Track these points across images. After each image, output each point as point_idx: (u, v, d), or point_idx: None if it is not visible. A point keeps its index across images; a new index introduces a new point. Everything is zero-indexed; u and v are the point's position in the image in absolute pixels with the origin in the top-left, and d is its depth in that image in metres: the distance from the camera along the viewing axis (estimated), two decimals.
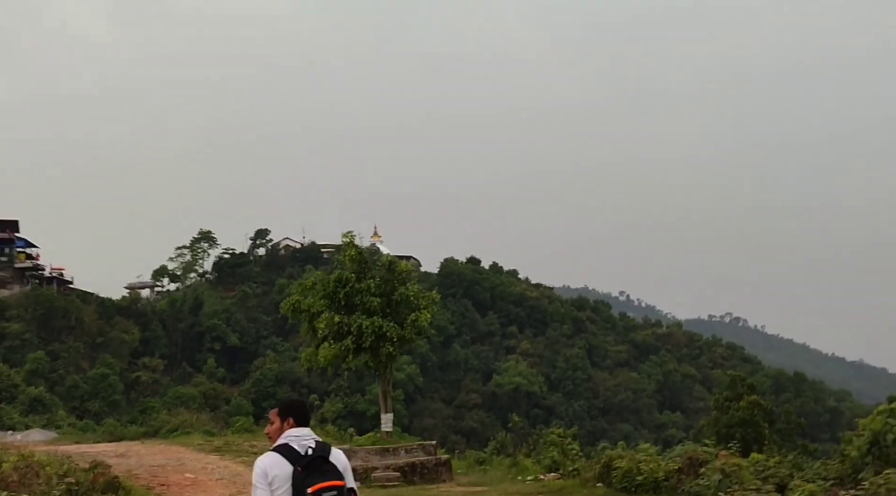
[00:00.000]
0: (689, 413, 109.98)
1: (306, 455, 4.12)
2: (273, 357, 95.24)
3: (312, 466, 4.06)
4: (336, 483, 4.02)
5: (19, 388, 69.19)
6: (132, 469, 20.32)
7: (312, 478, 3.99)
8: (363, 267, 20.81)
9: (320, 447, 4.22)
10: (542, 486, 15.77)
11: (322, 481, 3.98)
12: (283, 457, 4.12)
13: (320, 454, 4.14)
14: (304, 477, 4.00)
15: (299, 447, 4.18)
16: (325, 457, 4.14)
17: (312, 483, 3.96)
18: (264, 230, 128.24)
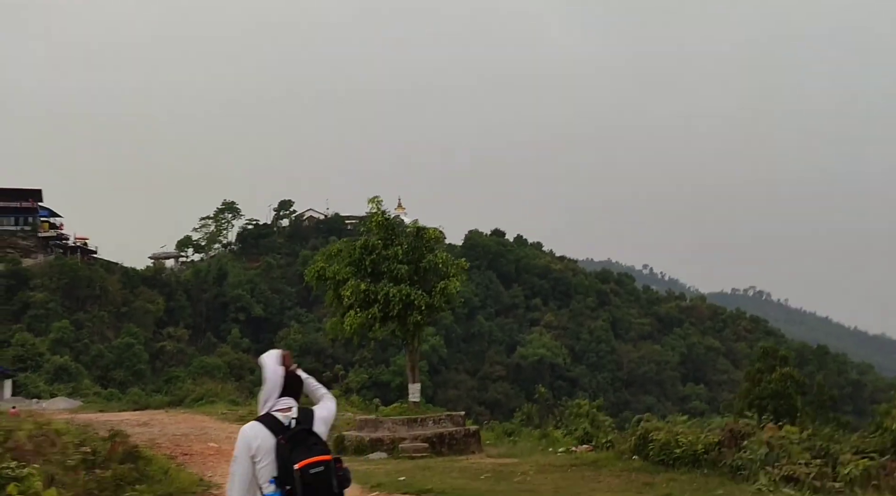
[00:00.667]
0: (713, 385, 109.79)
1: (289, 426, 3.92)
2: (297, 328, 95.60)
3: (297, 439, 3.86)
4: (321, 458, 3.78)
5: (44, 357, 69.72)
6: (155, 438, 20.08)
7: (298, 452, 3.79)
8: (390, 233, 20.19)
9: (304, 416, 4.02)
10: (574, 458, 15.23)
11: (308, 456, 3.76)
12: (266, 428, 3.92)
13: (304, 426, 3.94)
14: (289, 450, 3.80)
15: (283, 418, 3.98)
16: (310, 429, 3.94)
17: (299, 458, 3.75)
18: (288, 201, 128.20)
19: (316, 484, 3.73)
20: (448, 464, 15.33)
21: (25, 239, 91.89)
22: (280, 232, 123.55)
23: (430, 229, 20.80)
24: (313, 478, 3.73)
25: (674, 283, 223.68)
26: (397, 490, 11.61)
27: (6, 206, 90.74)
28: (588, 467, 13.68)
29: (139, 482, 10.35)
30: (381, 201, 20.79)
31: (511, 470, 13.96)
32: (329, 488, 3.77)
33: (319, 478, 3.74)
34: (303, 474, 3.72)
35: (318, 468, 3.75)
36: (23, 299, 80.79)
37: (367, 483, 12.48)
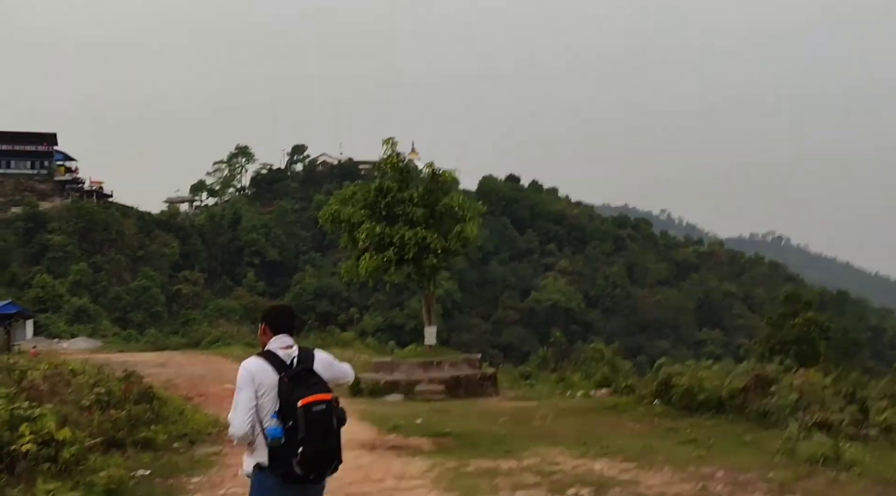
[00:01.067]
0: (729, 331, 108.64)
1: (291, 365, 3.99)
2: (312, 271, 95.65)
3: (299, 377, 3.93)
4: (325, 397, 3.88)
5: (64, 299, 70.43)
6: (171, 378, 20.12)
7: (299, 390, 3.86)
8: (405, 176, 19.71)
9: (303, 356, 4.07)
10: (593, 402, 15.05)
11: (310, 394, 3.84)
12: (268, 364, 3.98)
13: (305, 366, 4.00)
14: (291, 388, 3.87)
15: (284, 355, 4.04)
16: (310, 369, 4.00)
17: (301, 396, 3.82)
18: (301, 146, 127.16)
19: (317, 421, 3.81)
20: (465, 406, 15.20)
21: (42, 182, 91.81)
22: (294, 177, 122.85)
23: (445, 171, 20.28)
24: (316, 416, 3.81)
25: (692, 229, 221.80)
26: (414, 432, 11.46)
27: (22, 149, 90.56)
28: (608, 411, 13.49)
29: (154, 422, 10.24)
30: (397, 143, 20.26)
31: (530, 413, 13.79)
32: (329, 425, 3.85)
33: (321, 416, 3.83)
34: (306, 411, 3.79)
35: (320, 406, 3.82)
36: (41, 242, 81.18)
37: (383, 425, 12.34)
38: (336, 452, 3.94)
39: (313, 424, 3.79)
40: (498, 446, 9.98)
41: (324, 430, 3.83)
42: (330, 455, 3.90)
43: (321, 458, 3.86)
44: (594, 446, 9.66)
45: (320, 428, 3.81)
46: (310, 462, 3.81)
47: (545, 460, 8.79)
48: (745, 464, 7.61)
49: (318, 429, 3.81)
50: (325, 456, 3.87)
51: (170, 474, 8.50)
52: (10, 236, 79.61)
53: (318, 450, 3.82)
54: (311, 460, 3.82)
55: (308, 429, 3.77)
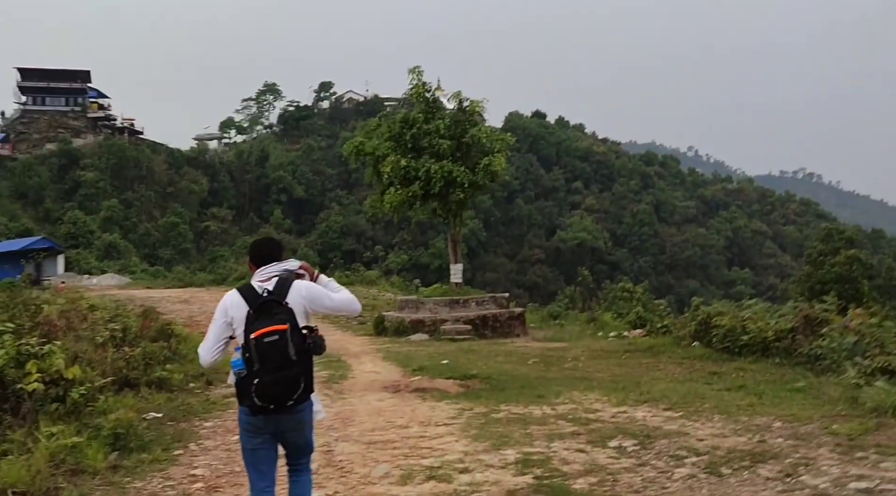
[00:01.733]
0: (759, 270, 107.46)
1: (261, 296, 3.95)
2: (338, 209, 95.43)
3: (263, 309, 3.88)
4: (277, 327, 3.80)
5: (95, 235, 70.94)
6: (194, 315, 19.91)
7: (258, 322, 3.83)
8: (431, 107, 18.78)
9: (279, 288, 4.00)
10: (628, 344, 14.43)
11: (266, 325, 3.80)
12: (242, 298, 3.97)
13: (275, 297, 3.94)
14: (252, 320, 3.86)
15: (259, 288, 4.01)
16: (279, 300, 3.94)
17: (256, 328, 3.81)
18: (328, 83, 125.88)
19: (269, 352, 3.76)
20: (492, 347, 14.68)
21: (76, 119, 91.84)
22: (320, 114, 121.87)
23: (473, 102, 19.26)
24: (266, 347, 3.76)
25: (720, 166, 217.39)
26: (440, 374, 10.95)
27: (56, 86, 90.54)
28: (644, 353, 12.87)
29: (170, 361, 9.84)
30: (423, 72, 19.19)
31: (560, 355, 13.24)
32: (284, 356, 3.78)
33: (273, 346, 3.76)
34: (257, 342, 3.76)
35: (272, 337, 3.77)
36: (74, 178, 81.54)
37: (408, 366, 11.88)
38: (293, 382, 3.84)
39: (265, 355, 3.76)
40: (529, 390, 9.42)
41: (279, 361, 3.77)
42: (287, 385, 3.83)
43: (276, 389, 3.80)
44: (633, 391, 9.06)
45: (273, 358, 3.76)
46: (263, 392, 3.79)
47: (581, 407, 8.20)
48: (803, 414, 6.96)
49: (271, 360, 3.76)
50: (280, 386, 3.81)
51: (182, 417, 8.09)
52: (44, 172, 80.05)
53: (272, 380, 3.77)
54: (265, 390, 3.78)
55: (261, 360, 3.75)
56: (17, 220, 69.35)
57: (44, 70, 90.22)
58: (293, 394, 3.86)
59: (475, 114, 19.17)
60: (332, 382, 10.60)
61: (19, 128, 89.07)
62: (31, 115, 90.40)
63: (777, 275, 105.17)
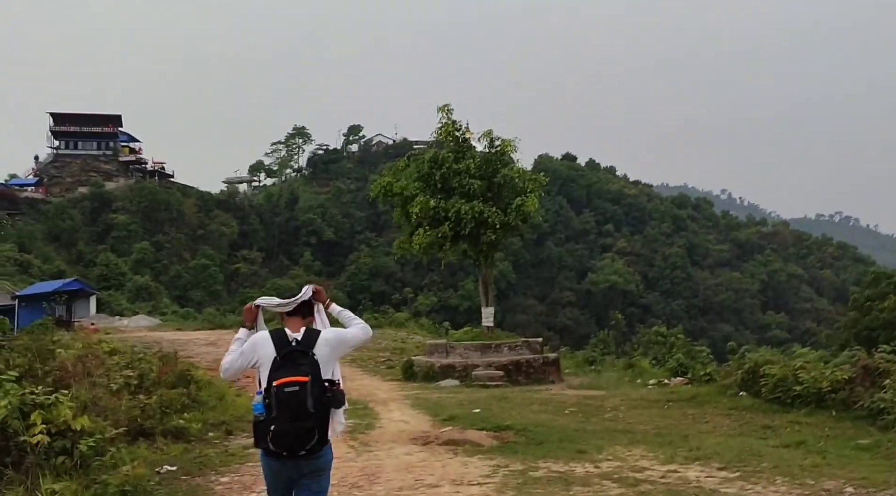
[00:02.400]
0: (795, 314, 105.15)
1: (290, 344, 4.08)
2: (367, 251, 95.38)
3: (289, 357, 4.02)
4: (299, 379, 3.93)
5: (126, 277, 71.47)
6: (220, 358, 19.50)
7: (282, 370, 3.96)
8: (461, 146, 18.39)
9: (307, 338, 4.15)
10: (669, 393, 13.65)
11: (287, 375, 3.93)
12: (272, 340, 4.12)
13: (302, 347, 4.08)
14: (277, 367, 4.00)
15: (290, 335, 4.16)
16: (306, 351, 4.06)
17: (280, 376, 3.94)
18: (357, 126, 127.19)
19: (288, 402, 3.86)
20: (526, 394, 14.00)
21: (107, 163, 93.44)
22: (349, 157, 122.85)
23: (504, 140, 18.85)
24: (286, 396, 3.86)
25: (754, 209, 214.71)
26: (472, 424, 10.32)
27: (88, 131, 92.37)
28: (688, 403, 12.12)
29: (189, 408, 9.36)
30: (452, 110, 18.81)
31: (599, 404, 12.53)
32: (302, 407, 3.87)
33: (293, 397, 3.86)
34: (278, 391, 3.87)
35: (292, 387, 3.87)
36: (106, 221, 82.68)
37: (438, 415, 11.27)
38: (309, 434, 3.93)
39: (283, 404, 3.86)
40: (568, 444, 8.76)
41: (296, 411, 3.87)
42: (301, 436, 3.92)
43: (290, 438, 3.90)
44: (682, 447, 8.35)
45: (291, 408, 3.86)
46: (277, 440, 3.89)
47: (627, 464, 7.53)
48: (876, 478, 6.25)
49: (288, 410, 3.86)
50: (294, 436, 3.91)
51: (198, 470, 7.57)
52: (77, 215, 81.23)
53: (287, 429, 3.87)
54: (280, 438, 3.89)
55: (279, 408, 3.86)
56: (50, 262, 70.08)
57: (76, 115, 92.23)
58: (306, 444, 3.94)
59: (506, 153, 18.76)
60: (357, 432, 10.03)
61: (52, 172, 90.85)
62: (64, 159, 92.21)
63: (814, 319, 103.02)
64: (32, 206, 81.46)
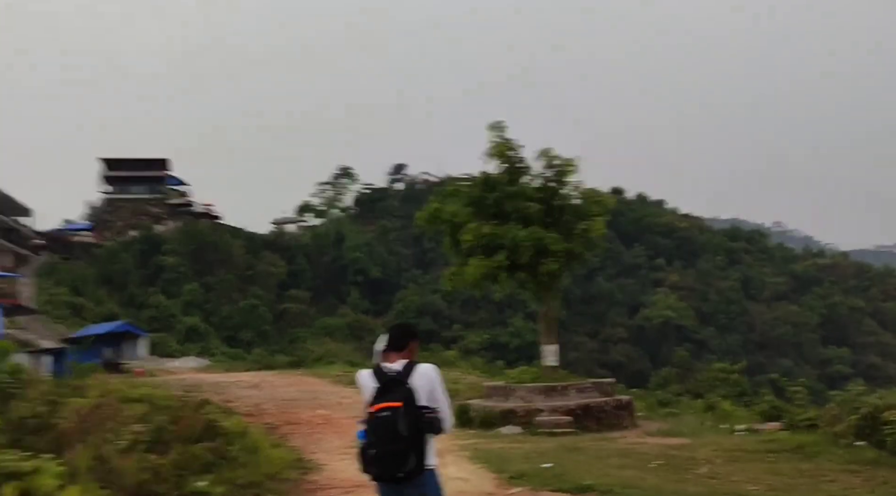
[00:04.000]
0: (858, 348, 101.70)
1: (387, 375, 4.36)
2: (414, 289, 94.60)
3: (386, 387, 4.28)
4: (391, 404, 4.19)
5: (176, 318, 71.69)
6: (262, 403, 18.23)
7: (378, 398, 4.27)
8: (516, 167, 16.87)
9: (405, 369, 4.40)
10: (766, 441, 11.81)
11: (382, 401, 4.21)
12: (371, 375, 4.42)
13: (399, 376, 4.34)
14: (375, 396, 4.30)
15: (387, 369, 4.43)
16: (402, 381, 4.32)
17: (375, 403, 4.24)
18: (401, 165, 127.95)
19: (381, 426, 4.17)
20: (600, 444, 12.31)
21: (156, 206, 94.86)
22: (394, 195, 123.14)
23: (564, 160, 17.24)
24: (379, 421, 4.18)
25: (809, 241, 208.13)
26: (545, 484, 8.68)
27: (137, 175, 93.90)
28: (795, 455, 10.33)
29: (214, 467, 8.00)
30: (505, 127, 17.31)
31: (688, 455, 10.79)
32: (394, 431, 4.13)
33: (385, 422, 4.16)
34: (373, 417, 4.21)
35: (385, 413, 4.17)
36: (156, 263, 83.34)
37: (503, 471, 9.68)
38: (402, 457, 4.13)
39: (377, 429, 4.17)
40: None
41: (388, 436, 4.13)
42: (393, 458, 4.12)
43: (384, 462, 4.13)
44: None
45: (384, 433, 4.14)
46: (373, 463, 4.17)
47: None
48: None
49: (382, 434, 4.15)
50: (387, 458, 4.12)
51: None
52: (128, 259, 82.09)
53: (380, 453, 4.14)
54: (375, 462, 4.16)
55: (374, 432, 4.18)
56: (102, 305, 70.62)
57: (126, 160, 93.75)
58: (401, 467, 4.12)
59: (567, 173, 17.16)
60: None
61: (104, 216, 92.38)
62: (115, 203, 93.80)
63: (878, 353, 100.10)
64: (86, 250, 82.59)
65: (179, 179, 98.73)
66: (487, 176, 16.88)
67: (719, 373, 47.12)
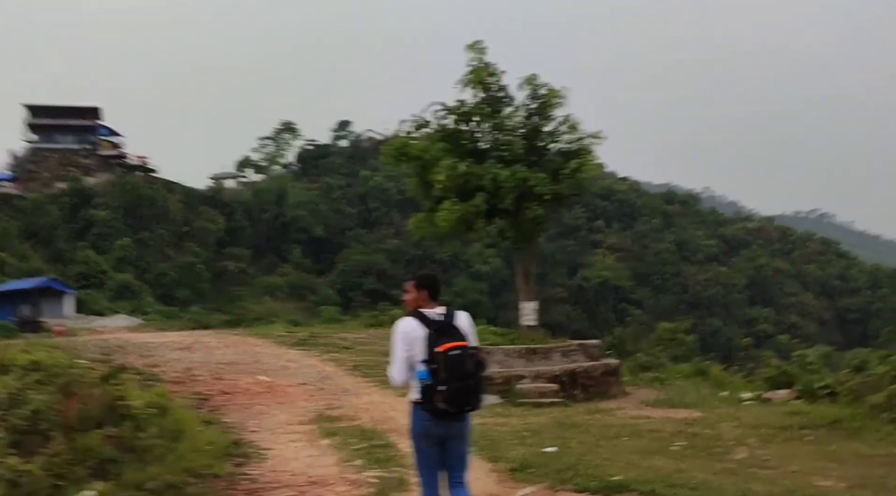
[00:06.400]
0: (781, 309, 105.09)
1: (437, 320, 4.72)
2: (358, 248, 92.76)
3: (442, 330, 4.65)
4: (460, 343, 4.60)
5: (107, 275, 68.46)
6: (193, 368, 15.89)
7: (442, 338, 4.59)
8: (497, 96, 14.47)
9: (449, 314, 4.81)
10: (791, 414, 10.08)
11: (449, 341, 4.57)
12: (418, 322, 4.74)
13: (448, 320, 4.74)
14: (435, 337, 4.61)
15: (431, 314, 4.76)
16: (451, 323, 4.73)
17: (441, 343, 4.55)
18: (346, 122, 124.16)
19: (455, 363, 4.52)
20: (597, 417, 10.43)
21: (86, 157, 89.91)
22: (339, 153, 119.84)
23: (551, 90, 14.67)
24: (452, 359, 4.52)
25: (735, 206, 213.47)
26: (561, 479, 6.54)
27: (66, 124, 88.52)
28: (834, 432, 8.67)
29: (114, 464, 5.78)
30: (486, 48, 14.62)
31: (711, 433, 9.00)
32: (465, 367, 4.55)
33: (457, 359, 4.54)
34: (445, 355, 4.52)
35: (456, 351, 4.55)
36: (86, 217, 79.25)
37: (498, 458, 7.63)
38: (474, 391, 4.58)
39: (451, 366, 4.49)
40: None
41: (462, 371, 4.52)
42: (468, 392, 4.55)
43: (460, 395, 4.51)
44: None
45: (457, 369, 4.50)
46: (452, 397, 4.48)
47: None
48: None
49: (455, 370, 4.49)
50: (463, 393, 4.53)
51: None
52: (55, 212, 77.73)
53: (458, 388, 4.48)
54: (453, 396, 4.48)
55: (447, 370, 4.49)
56: (26, 261, 66.93)
57: (53, 107, 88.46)
58: (470, 401, 4.61)
59: (553, 106, 14.95)
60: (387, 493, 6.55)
61: (29, 166, 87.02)
62: (41, 153, 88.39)
63: (799, 313, 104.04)
64: (7, 202, 77.63)
65: (112, 130, 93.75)
66: (463, 105, 14.47)
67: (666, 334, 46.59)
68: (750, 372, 15.83)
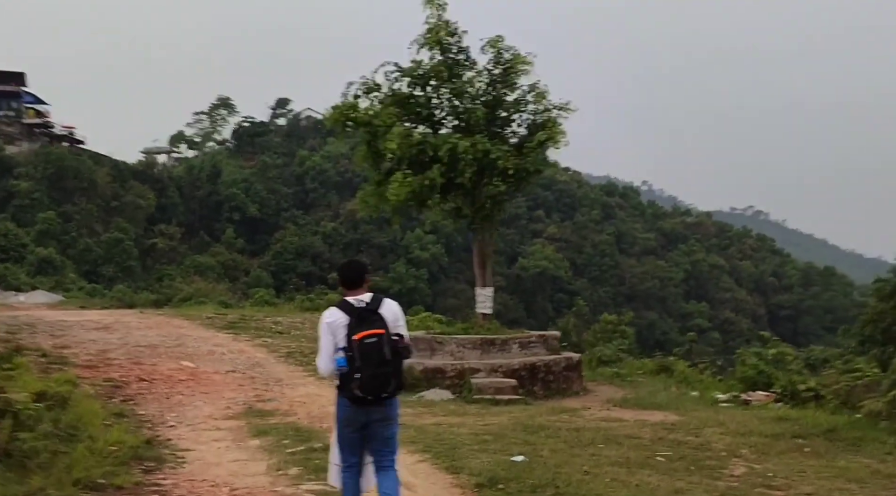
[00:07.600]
0: (715, 303, 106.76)
1: (358, 308, 4.73)
2: (294, 230, 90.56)
3: (362, 318, 4.67)
4: (375, 331, 4.60)
5: (28, 248, 64.73)
6: (109, 350, 14.22)
7: (360, 326, 4.61)
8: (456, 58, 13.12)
9: (374, 302, 4.79)
10: (779, 419, 9.09)
11: (367, 329, 4.59)
12: (341, 311, 4.79)
13: (372, 308, 4.75)
14: (355, 325, 4.63)
15: (355, 302, 4.80)
16: (375, 310, 4.73)
17: (358, 331, 4.59)
18: (285, 99, 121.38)
19: (370, 351, 4.56)
20: (563, 418, 9.32)
21: (9, 125, 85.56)
22: (277, 131, 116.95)
23: (516, 54, 13.46)
24: (367, 347, 4.56)
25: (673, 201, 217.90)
26: None
27: None
28: (833, 442, 7.78)
29: None
30: (446, 4, 13.26)
31: (697, 441, 7.98)
32: (381, 355, 4.58)
33: (373, 347, 4.57)
34: (360, 343, 4.57)
35: (371, 339, 4.57)
36: (6, 188, 75.21)
37: (457, 470, 6.38)
38: (389, 378, 4.62)
39: (365, 354, 4.54)
40: None
41: (377, 359, 4.56)
42: (384, 380, 4.59)
43: (375, 382, 4.56)
44: None
45: (373, 357, 4.55)
46: (364, 385, 4.54)
47: None
48: None
49: (370, 358, 4.54)
50: (378, 380, 4.57)
51: None
52: None
53: (371, 375, 4.54)
54: (365, 384, 4.53)
55: (362, 358, 4.54)
56: None
57: None
58: (388, 388, 4.63)
59: (519, 72, 13.52)
60: None
61: None
62: None
63: (733, 309, 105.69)
64: None
65: (37, 97, 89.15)
66: (419, 67, 13.07)
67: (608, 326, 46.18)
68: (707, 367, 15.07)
